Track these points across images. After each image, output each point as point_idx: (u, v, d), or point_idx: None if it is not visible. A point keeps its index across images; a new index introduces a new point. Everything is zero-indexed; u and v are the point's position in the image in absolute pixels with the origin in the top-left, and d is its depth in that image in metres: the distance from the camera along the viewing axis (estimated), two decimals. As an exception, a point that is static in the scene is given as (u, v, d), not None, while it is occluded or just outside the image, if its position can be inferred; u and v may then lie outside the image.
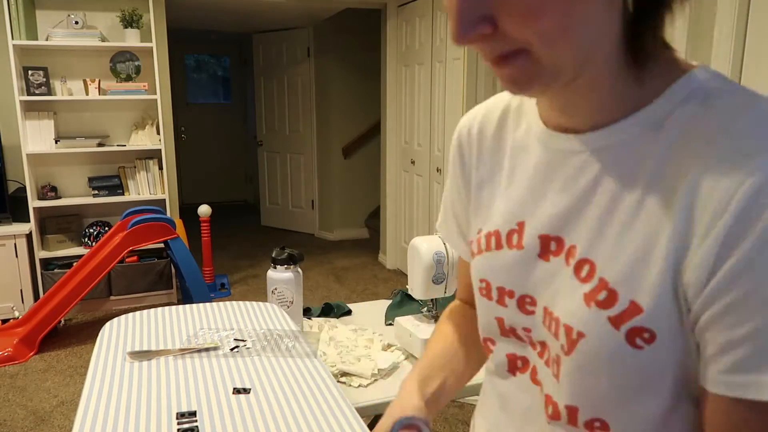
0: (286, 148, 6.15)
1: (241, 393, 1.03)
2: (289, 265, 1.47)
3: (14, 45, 3.44)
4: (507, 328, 0.64)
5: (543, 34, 0.46)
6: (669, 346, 0.50)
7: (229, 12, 5.11)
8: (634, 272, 0.50)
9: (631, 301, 0.50)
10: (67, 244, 3.84)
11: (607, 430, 0.56)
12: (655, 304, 0.49)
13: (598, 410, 0.55)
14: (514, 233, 0.61)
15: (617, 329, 0.51)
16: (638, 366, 0.51)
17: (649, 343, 0.50)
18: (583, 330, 0.53)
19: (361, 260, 5.15)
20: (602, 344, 0.52)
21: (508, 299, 0.62)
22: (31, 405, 2.72)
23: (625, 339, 0.50)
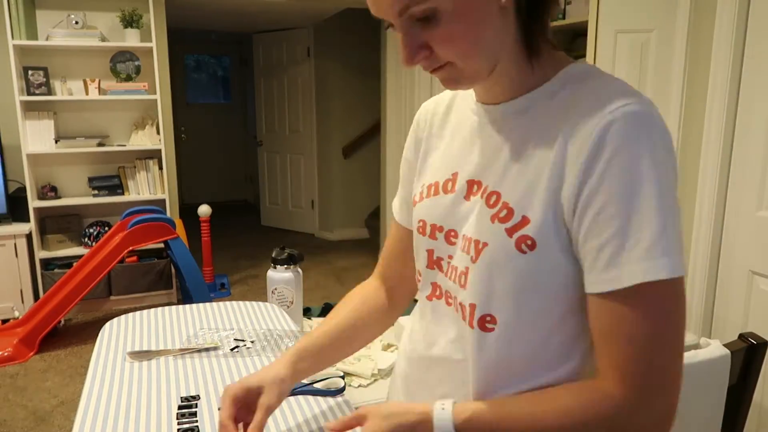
0: (286, 148, 6.15)
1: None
2: (289, 265, 1.47)
3: (14, 45, 3.44)
4: (435, 258, 0.81)
5: (459, 55, 0.67)
6: (546, 254, 0.67)
7: (229, 12, 5.11)
8: (526, 195, 0.68)
9: (523, 216, 0.68)
10: (67, 244, 3.84)
11: (495, 324, 0.72)
12: (539, 218, 0.66)
13: (490, 307, 0.72)
14: (449, 182, 0.79)
15: (510, 237, 0.68)
16: (522, 268, 0.68)
17: (531, 249, 0.67)
18: (487, 240, 0.71)
19: (361, 260, 5.15)
20: (498, 249, 0.69)
21: (438, 233, 0.79)
22: (31, 405, 2.72)
23: (514, 245, 0.68)
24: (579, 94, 0.68)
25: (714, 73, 2.08)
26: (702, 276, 2.18)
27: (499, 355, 0.73)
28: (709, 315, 2.20)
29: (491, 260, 0.70)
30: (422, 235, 0.82)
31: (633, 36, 2.24)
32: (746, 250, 2.04)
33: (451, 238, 0.77)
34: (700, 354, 1.03)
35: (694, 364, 1.02)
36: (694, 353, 1.03)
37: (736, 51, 2.01)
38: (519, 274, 0.68)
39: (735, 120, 2.05)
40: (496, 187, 0.71)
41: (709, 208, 2.13)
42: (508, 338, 0.72)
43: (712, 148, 2.10)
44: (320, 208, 5.94)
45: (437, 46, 0.67)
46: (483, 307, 0.72)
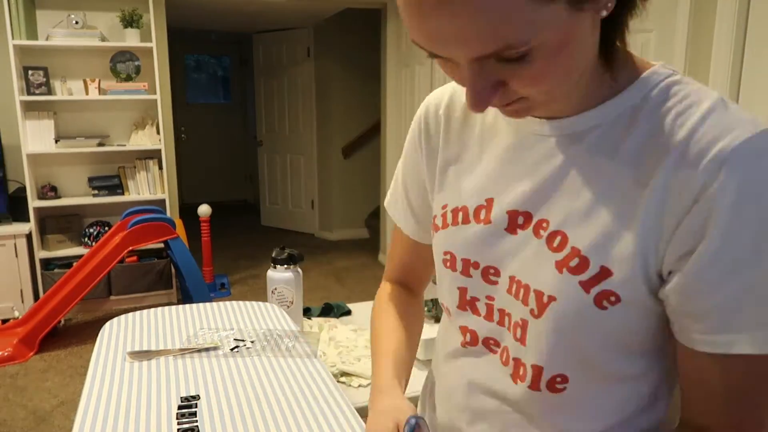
0: (286, 148, 6.15)
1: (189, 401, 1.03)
2: (289, 265, 1.47)
3: (14, 45, 3.44)
4: (468, 298, 0.68)
5: (545, 91, 0.53)
6: (631, 310, 0.57)
7: (229, 12, 5.11)
8: (605, 241, 0.56)
9: (601, 267, 0.56)
10: (67, 244, 3.84)
11: (567, 382, 0.62)
12: (624, 270, 0.55)
13: (561, 367, 0.61)
14: (482, 209, 0.66)
15: (587, 292, 0.57)
16: (602, 325, 0.58)
17: (613, 305, 0.56)
18: (555, 293, 0.58)
19: (361, 260, 5.15)
20: (571, 306, 0.58)
21: (472, 270, 0.67)
22: (31, 405, 2.72)
23: (593, 301, 0.57)
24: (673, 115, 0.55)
25: (714, 74, 2.08)
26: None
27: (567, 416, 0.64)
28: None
29: (562, 318, 0.59)
30: (452, 271, 0.69)
31: (633, 36, 2.24)
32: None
33: (491, 276, 0.65)
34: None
35: None
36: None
37: (736, 51, 2.01)
38: (599, 333, 0.59)
39: (735, 120, 2.05)
40: (559, 225, 0.59)
41: (709, 208, 2.13)
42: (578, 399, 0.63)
43: (712, 148, 2.10)
44: (320, 208, 5.94)
45: (520, 84, 0.52)
46: (552, 368, 0.62)
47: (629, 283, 0.55)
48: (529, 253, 0.61)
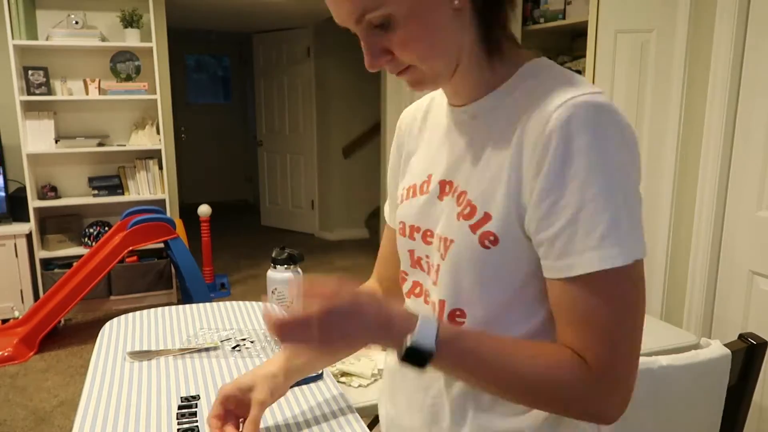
0: (286, 148, 6.14)
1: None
2: (289, 265, 1.47)
3: (14, 45, 3.43)
4: (415, 258, 0.83)
5: (418, 58, 0.70)
6: (509, 249, 0.69)
7: (229, 12, 5.11)
8: (488, 192, 0.70)
9: (485, 213, 0.70)
10: (67, 244, 3.83)
11: (464, 318, 0.74)
12: (500, 214, 0.69)
13: (459, 301, 0.74)
14: (425, 183, 0.81)
15: (474, 233, 0.71)
16: (486, 263, 0.71)
17: (494, 245, 0.70)
18: (453, 237, 0.73)
19: (361, 260, 5.15)
20: (464, 246, 0.72)
21: (416, 234, 0.81)
22: (31, 405, 2.72)
23: (478, 241, 0.70)
24: (532, 89, 0.70)
25: (714, 73, 2.08)
26: (702, 276, 2.18)
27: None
28: (709, 315, 2.20)
29: (457, 257, 0.73)
30: (403, 236, 0.84)
31: (633, 36, 2.24)
32: (746, 250, 2.04)
33: (428, 238, 0.79)
34: (700, 354, 1.03)
35: (694, 364, 1.02)
36: (695, 353, 1.03)
37: (736, 51, 2.01)
38: (483, 269, 0.71)
39: (735, 120, 2.05)
40: (464, 186, 0.74)
41: (709, 208, 2.13)
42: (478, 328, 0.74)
43: (712, 148, 2.10)
44: (320, 208, 5.94)
45: (396, 50, 0.69)
46: (452, 302, 0.75)
47: (503, 223, 0.69)
48: (447, 212, 0.76)
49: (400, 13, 0.66)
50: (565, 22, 2.74)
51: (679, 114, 2.21)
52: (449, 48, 0.70)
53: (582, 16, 2.54)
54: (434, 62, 0.70)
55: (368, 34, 0.69)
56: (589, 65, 2.34)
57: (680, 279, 2.28)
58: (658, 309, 2.35)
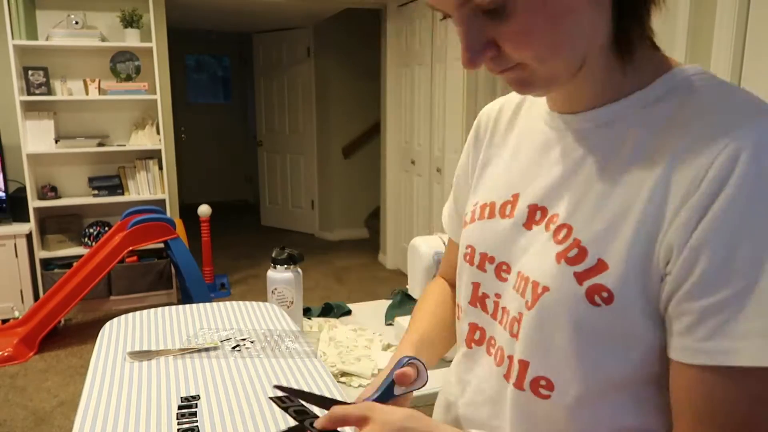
0: (286, 148, 6.14)
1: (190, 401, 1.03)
2: (289, 265, 1.47)
3: (14, 45, 3.44)
4: (480, 294, 0.68)
5: (535, 56, 0.53)
6: (626, 311, 0.52)
7: (229, 12, 5.11)
8: (606, 234, 0.53)
9: (598, 259, 0.53)
10: (67, 244, 3.83)
11: (551, 390, 0.58)
12: (621, 265, 0.52)
13: (547, 368, 0.58)
14: (508, 204, 0.65)
15: (580, 284, 0.54)
16: (592, 324, 0.54)
17: (606, 303, 0.53)
18: (549, 284, 0.56)
19: (361, 260, 5.15)
20: (564, 297, 0.55)
21: (488, 265, 0.66)
22: (31, 405, 2.72)
23: (584, 294, 0.54)
24: (689, 108, 0.53)
25: (714, 74, 2.08)
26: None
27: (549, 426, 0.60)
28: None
29: (553, 310, 0.56)
30: (469, 265, 0.69)
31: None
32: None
33: (503, 273, 0.65)
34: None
35: None
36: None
37: (736, 51, 2.01)
38: (587, 331, 0.55)
39: (735, 120, 2.05)
40: (566, 219, 0.58)
41: (709, 208, 2.13)
42: (566, 410, 0.58)
43: (712, 148, 2.10)
44: (320, 208, 5.94)
45: (508, 45, 0.53)
46: (537, 367, 0.59)
47: (624, 279, 0.52)
48: (537, 247, 0.60)
49: None
50: (565, 22, 2.74)
51: (679, 114, 2.22)
52: (577, 44, 0.54)
53: (582, 16, 2.55)
54: (554, 62, 0.54)
55: (471, 22, 0.53)
56: (589, 65, 2.34)
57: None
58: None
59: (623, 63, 0.56)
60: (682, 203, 0.49)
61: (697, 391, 0.50)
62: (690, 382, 0.50)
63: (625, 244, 0.52)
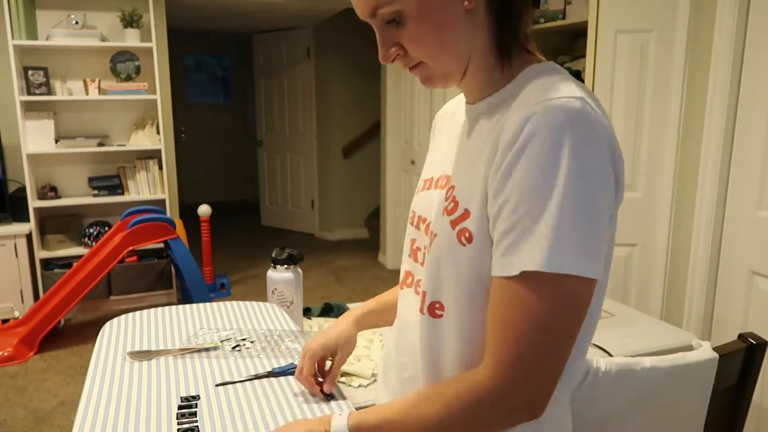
0: (286, 148, 6.14)
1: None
2: (289, 265, 1.47)
3: (14, 45, 3.43)
4: (415, 247, 0.86)
5: (427, 55, 0.72)
6: (484, 248, 0.69)
7: (229, 12, 5.11)
8: (470, 189, 0.72)
9: (465, 209, 0.72)
10: (67, 244, 3.83)
11: (443, 310, 0.76)
12: (477, 212, 0.70)
13: (438, 294, 0.76)
14: (440, 179, 0.82)
15: (453, 229, 0.73)
16: (462, 260, 0.72)
17: (469, 242, 0.71)
18: (437, 231, 0.76)
19: (361, 260, 5.15)
20: (444, 240, 0.74)
21: (421, 224, 0.84)
22: (31, 405, 2.72)
23: (456, 237, 0.72)
24: (523, 91, 0.70)
25: (714, 73, 2.08)
26: (702, 276, 2.18)
27: (446, 341, 0.76)
28: (709, 315, 2.20)
29: (438, 250, 0.75)
30: (411, 225, 0.88)
31: (633, 36, 2.24)
32: (746, 250, 2.04)
33: (422, 226, 0.84)
34: (687, 356, 1.02)
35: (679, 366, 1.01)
36: (682, 355, 1.02)
37: (736, 51, 2.01)
38: (460, 266, 0.72)
39: (735, 120, 2.05)
40: (453, 182, 0.76)
41: (709, 208, 2.13)
42: (455, 326, 0.75)
43: (712, 148, 2.10)
44: (320, 208, 5.94)
45: (407, 46, 0.72)
46: (432, 294, 0.77)
47: (478, 221, 0.69)
48: (437, 206, 0.78)
49: (410, 9, 0.68)
50: (565, 22, 2.74)
51: (679, 114, 2.21)
52: (459, 47, 0.71)
53: (582, 16, 2.54)
54: (443, 60, 0.72)
55: (382, 29, 0.72)
56: (589, 65, 2.34)
57: (680, 279, 2.28)
58: (658, 309, 2.35)
59: (500, 63, 0.73)
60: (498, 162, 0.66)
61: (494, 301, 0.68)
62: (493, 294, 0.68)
63: (477, 194, 0.70)
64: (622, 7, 2.24)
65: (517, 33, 0.73)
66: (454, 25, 0.69)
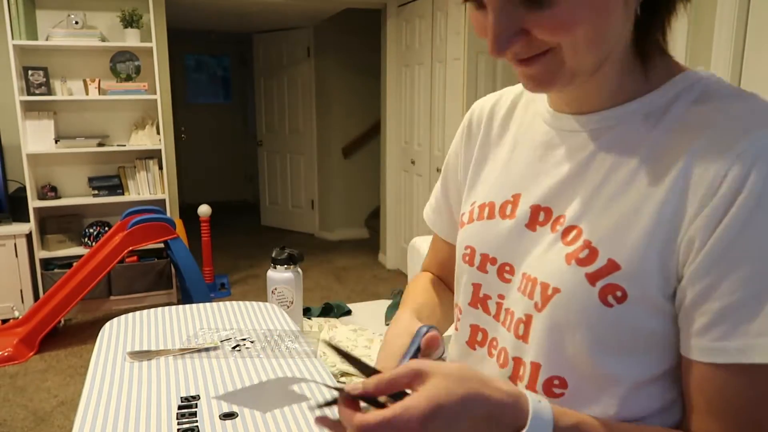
0: (286, 148, 6.15)
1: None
2: (289, 265, 1.47)
3: (14, 45, 3.43)
4: (481, 296, 0.67)
5: (573, 43, 0.52)
6: (639, 310, 0.53)
7: (229, 12, 5.11)
8: (617, 235, 0.54)
9: (609, 259, 0.54)
10: (67, 244, 3.83)
11: (565, 388, 0.58)
12: (633, 264, 0.53)
13: (560, 368, 0.58)
14: (509, 204, 0.65)
15: (592, 285, 0.54)
16: (606, 325, 0.54)
17: (619, 302, 0.53)
18: (560, 285, 0.56)
19: (361, 260, 5.15)
20: (576, 298, 0.55)
21: (489, 266, 0.65)
22: (31, 405, 2.72)
23: (597, 295, 0.54)
24: (704, 109, 0.54)
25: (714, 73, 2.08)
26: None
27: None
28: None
29: (565, 311, 0.56)
30: (469, 266, 0.68)
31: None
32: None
33: (506, 274, 0.64)
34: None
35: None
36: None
37: (736, 51, 2.01)
38: (601, 331, 0.55)
39: (735, 120, 2.05)
40: (575, 220, 0.58)
41: (709, 208, 2.13)
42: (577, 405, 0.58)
43: (712, 148, 2.10)
44: (320, 208, 5.94)
45: (545, 32, 0.52)
46: (550, 367, 0.59)
47: (637, 278, 0.53)
48: (543, 248, 0.60)
49: None
50: (565, 22, 2.74)
51: (679, 114, 2.21)
52: (610, 38, 0.54)
53: (582, 16, 2.54)
54: (591, 50, 0.53)
55: (505, 8, 0.52)
56: (589, 65, 2.34)
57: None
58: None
59: (641, 66, 0.57)
60: (702, 205, 0.50)
61: (712, 387, 0.51)
62: (705, 378, 0.52)
63: (638, 243, 0.53)
64: (622, 7, 2.25)
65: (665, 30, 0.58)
66: (612, 13, 0.52)
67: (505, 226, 0.64)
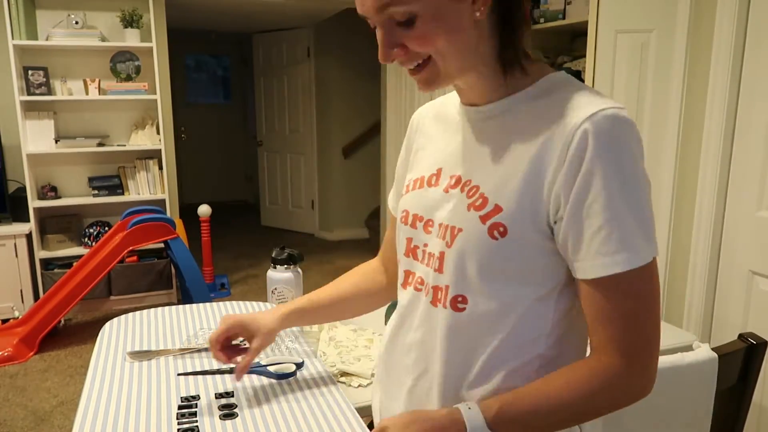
0: (286, 148, 6.14)
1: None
2: (289, 265, 1.47)
3: (14, 45, 3.43)
4: (412, 246, 0.87)
5: (438, 53, 0.74)
6: (517, 241, 0.74)
7: (229, 12, 5.11)
8: (502, 185, 0.75)
9: (495, 204, 0.75)
10: (67, 244, 3.84)
11: (466, 303, 0.78)
12: (511, 207, 0.73)
13: (462, 288, 0.78)
14: (434, 176, 0.86)
15: (483, 224, 0.75)
16: (493, 253, 0.75)
17: (502, 236, 0.74)
18: (462, 226, 0.77)
19: (361, 260, 5.11)
20: (472, 234, 0.76)
21: (418, 223, 0.86)
22: (31, 405, 2.72)
23: (487, 231, 0.75)
24: (560, 99, 0.75)
25: (714, 73, 2.08)
26: (702, 276, 2.18)
27: (468, 335, 0.79)
28: (709, 315, 2.20)
29: (465, 244, 0.77)
30: (404, 225, 0.89)
31: (633, 36, 2.24)
32: (746, 250, 2.04)
33: (429, 228, 0.84)
34: (686, 357, 1.02)
35: (679, 366, 1.01)
36: (681, 356, 1.02)
37: (736, 51, 2.01)
38: (490, 259, 0.75)
39: (735, 120, 2.05)
40: (476, 181, 0.78)
41: (709, 208, 2.13)
42: (478, 320, 0.78)
43: (712, 148, 2.10)
44: (320, 208, 5.94)
45: (414, 44, 0.73)
46: (455, 287, 0.79)
47: (515, 218, 0.73)
48: (454, 203, 0.80)
49: (424, 12, 0.71)
50: (565, 22, 2.74)
51: (679, 114, 2.21)
52: (466, 49, 0.74)
53: (582, 16, 2.54)
54: (451, 58, 0.74)
55: (386, 27, 0.74)
56: (589, 65, 2.34)
57: (680, 279, 2.28)
58: (658, 309, 2.35)
59: (504, 72, 0.77)
60: (559, 165, 0.71)
61: (594, 299, 0.72)
62: (588, 293, 0.73)
63: (515, 191, 0.73)
64: (622, 6, 2.24)
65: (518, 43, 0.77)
66: (463, 30, 0.72)
67: (430, 192, 0.85)
